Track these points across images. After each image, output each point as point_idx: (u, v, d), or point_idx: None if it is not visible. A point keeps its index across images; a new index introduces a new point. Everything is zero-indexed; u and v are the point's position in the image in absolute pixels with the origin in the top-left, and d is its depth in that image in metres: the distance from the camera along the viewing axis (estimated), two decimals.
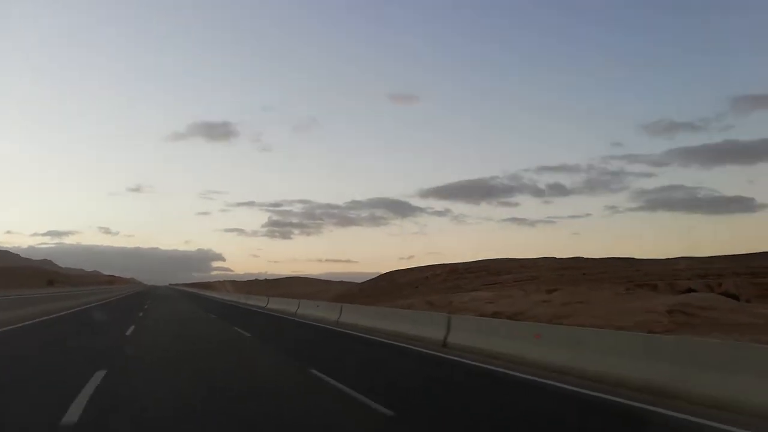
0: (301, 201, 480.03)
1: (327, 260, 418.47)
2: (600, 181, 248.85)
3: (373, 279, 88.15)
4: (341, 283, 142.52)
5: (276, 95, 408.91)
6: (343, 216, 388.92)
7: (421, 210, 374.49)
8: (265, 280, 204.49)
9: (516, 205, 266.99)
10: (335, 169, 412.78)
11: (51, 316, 20.70)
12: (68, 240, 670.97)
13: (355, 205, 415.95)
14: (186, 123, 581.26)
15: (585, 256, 73.96)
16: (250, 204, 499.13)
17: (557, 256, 75.21)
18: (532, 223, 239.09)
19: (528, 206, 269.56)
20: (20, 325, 16.39)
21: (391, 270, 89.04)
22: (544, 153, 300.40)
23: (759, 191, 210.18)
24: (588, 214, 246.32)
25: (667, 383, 6.60)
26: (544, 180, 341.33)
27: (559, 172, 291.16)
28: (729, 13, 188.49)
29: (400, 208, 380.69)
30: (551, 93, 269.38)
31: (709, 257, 64.70)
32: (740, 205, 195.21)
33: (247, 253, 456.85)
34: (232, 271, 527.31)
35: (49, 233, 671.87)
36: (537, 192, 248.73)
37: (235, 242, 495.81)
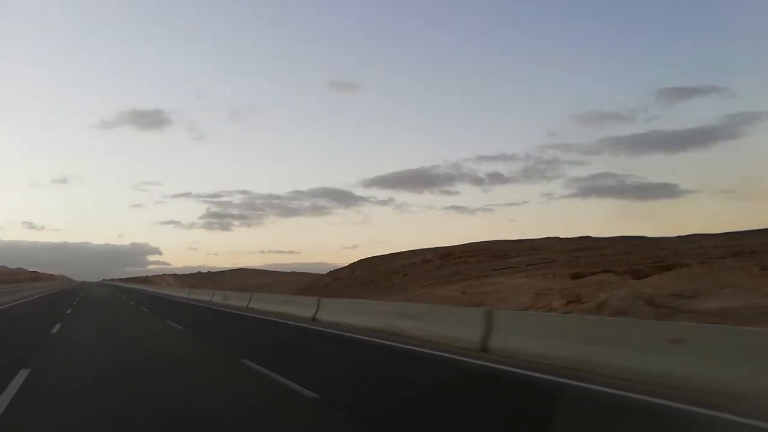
0: (240, 191, 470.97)
1: (269, 251, 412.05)
2: (536, 169, 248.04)
3: (344, 268, 78.87)
4: (294, 274, 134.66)
5: (210, 81, 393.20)
6: (284, 206, 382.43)
7: (364, 199, 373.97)
8: (209, 272, 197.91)
9: (456, 193, 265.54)
10: (276, 159, 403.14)
11: None
12: None
13: (298, 195, 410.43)
14: (114, 111, 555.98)
15: (594, 236, 65.05)
16: (187, 195, 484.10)
17: (561, 236, 66.72)
18: (472, 211, 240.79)
19: (468, 194, 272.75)
20: None
21: (367, 257, 79.84)
22: (483, 143, 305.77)
23: (682, 178, 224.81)
24: (525, 202, 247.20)
25: None
26: (483, 169, 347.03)
27: (498, 161, 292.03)
28: (652, 7, 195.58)
29: (343, 198, 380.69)
30: (491, 82, 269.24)
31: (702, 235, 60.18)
32: (665, 191, 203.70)
33: (185, 246, 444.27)
34: (169, 264, 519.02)
35: None
36: (477, 181, 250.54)
37: (171, 235, 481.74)
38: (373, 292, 40.36)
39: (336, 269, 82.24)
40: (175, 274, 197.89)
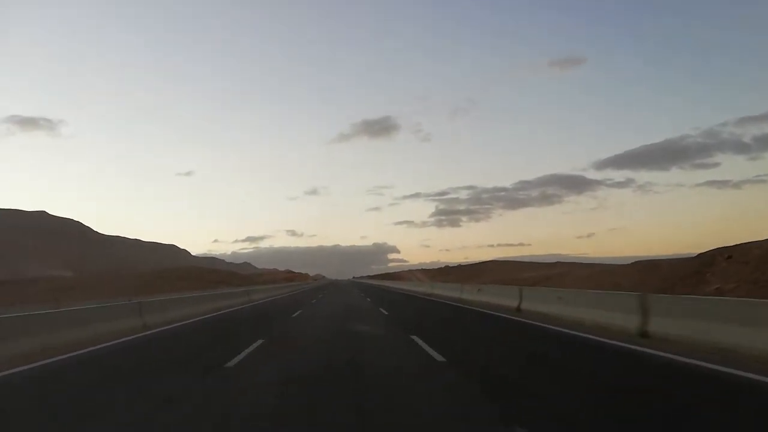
0: (466, 187, 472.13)
1: (498, 245, 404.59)
2: None
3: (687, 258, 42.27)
4: (582, 266, 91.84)
5: (430, 82, 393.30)
6: (511, 198, 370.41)
7: (598, 183, 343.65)
8: (459, 266, 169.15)
9: (715, 165, 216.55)
10: (499, 150, 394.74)
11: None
12: (263, 244, 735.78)
13: (524, 185, 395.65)
14: (349, 123, 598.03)
15: None
16: (417, 195, 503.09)
17: None
18: (737, 185, 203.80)
19: (730, 165, 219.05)
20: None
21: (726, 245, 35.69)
22: (745, 100, 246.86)
23: None
24: None
25: None
26: (749, 133, 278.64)
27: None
28: None
29: (573, 184, 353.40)
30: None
31: None
32: None
33: (419, 243, 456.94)
34: (407, 261, 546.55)
35: (248, 239, 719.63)
36: (741, 148, 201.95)
37: (406, 234, 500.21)
38: None
39: (672, 259, 43.09)
40: (423, 269, 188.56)
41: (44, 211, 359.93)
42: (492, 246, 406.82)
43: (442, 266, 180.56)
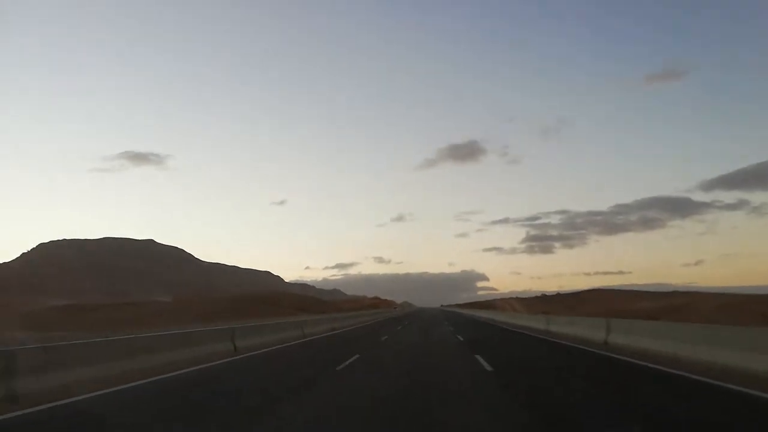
0: (558, 211, 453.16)
1: (596, 273, 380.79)
2: None
3: None
4: (705, 295, 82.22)
5: (518, 103, 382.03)
6: (608, 222, 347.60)
7: (706, 206, 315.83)
8: (558, 294, 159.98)
9: None
10: (593, 172, 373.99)
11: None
12: (352, 271, 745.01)
13: (622, 209, 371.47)
14: (434, 149, 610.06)
15: None
16: (505, 221, 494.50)
17: None
18: None
19: None
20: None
21: None
22: None
23: None
24: None
25: None
26: None
27: None
28: None
29: (677, 206, 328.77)
30: None
31: None
32: None
33: (508, 270, 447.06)
34: (496, 290, 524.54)
35: (337, 266, 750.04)
36: None
37: (494, 261, 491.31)
38: None
39: None
40: (518, 298, 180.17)
41: (152, 240, 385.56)
42: (588, 274, 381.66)
43: (539, 294, 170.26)
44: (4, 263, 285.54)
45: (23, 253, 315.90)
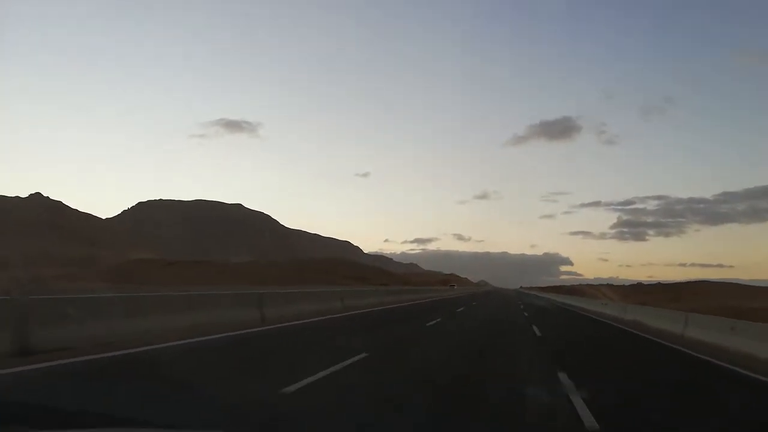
0: (656, 197, 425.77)
1: (691, 264, 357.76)
2: None
3: None
4: None
5: (619, 78, 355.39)
6: (711, 212, 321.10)
7: None
8: (658, 283, 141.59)
9: None
10: (699, 156, 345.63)
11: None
12: (431, 246, 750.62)
13: (728, 197, 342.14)
14: (525, 125, 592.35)
15: None
16: (596, 204, 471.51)
17: None
18: None
19: None
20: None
21: None
22: None
23: None
24: None
25: None
26: None
27: None
28: None
29: None
30: None
31: None
32: None
33: (595, 256, 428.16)
34: (581, 275, 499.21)
35: (416, 241, 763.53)
36: None
37: (581, 245, 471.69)
38: None
39: None
40: (610, 285, 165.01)
41: (240, 204, 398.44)
42: (683, 265, 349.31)
43: (633, 283, 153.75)
44: (107, 219, 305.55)
45: (123, 211, 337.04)
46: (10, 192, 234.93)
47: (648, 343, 14.50)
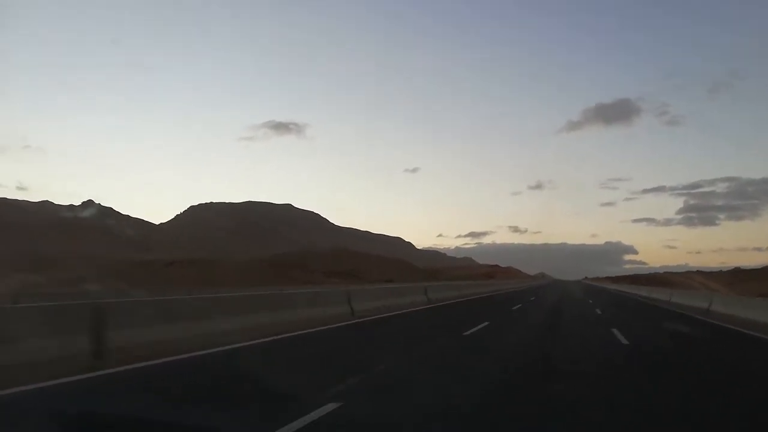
0: (725, 179, 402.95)
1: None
2: None
3: None
4: None
5: (681, 55, 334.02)
6: None
7: None
8: (764, 268, 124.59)
9: None
10: None
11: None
12: (485, 240, 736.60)
13: None
14: (580, 110, 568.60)
15: None
16: (659, 189, 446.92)
17: None
18: None
19: None
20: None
21: None
22: None
23: None
24: None
25: None
26: None
27: None
28: None
29: None
30: None
31: None
32: None
33: (660, 244, 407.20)
34: (646, 264, 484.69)
35: (470, 234, 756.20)
36: None
37: (644, 233, 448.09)
38: None
39: None
40: (699, 271, 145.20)
41: (290, 204, 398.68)
42: (760, 250, 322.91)
43: (731, 269, 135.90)
44: (161, 224, 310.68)
45: (176, 215, 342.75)
46: (64, 200, 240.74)
47: None
